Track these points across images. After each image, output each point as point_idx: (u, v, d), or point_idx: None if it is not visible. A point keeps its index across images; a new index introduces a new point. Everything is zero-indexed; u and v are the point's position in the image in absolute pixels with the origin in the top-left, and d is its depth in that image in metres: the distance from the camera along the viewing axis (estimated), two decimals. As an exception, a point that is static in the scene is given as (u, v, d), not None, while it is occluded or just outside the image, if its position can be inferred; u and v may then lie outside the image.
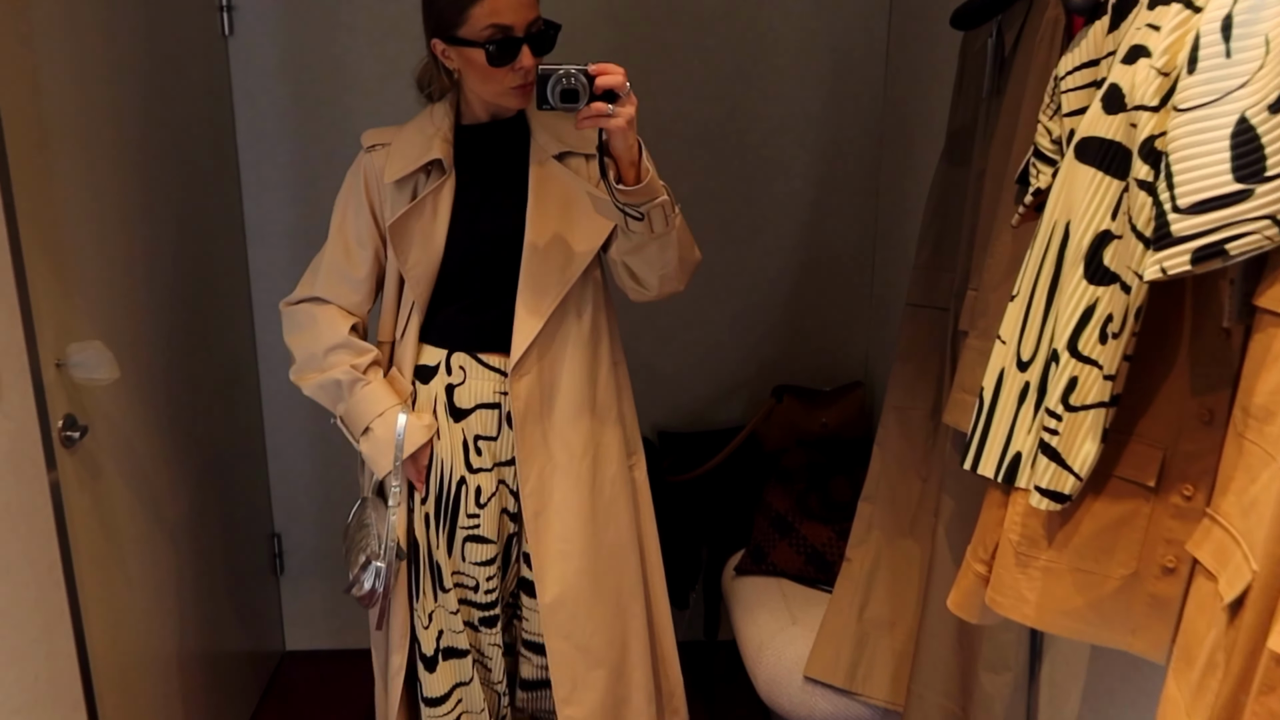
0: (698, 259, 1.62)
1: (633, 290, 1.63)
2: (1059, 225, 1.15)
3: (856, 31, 2.45)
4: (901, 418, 1.91)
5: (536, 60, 1.49)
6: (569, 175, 1.62)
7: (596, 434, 1.69)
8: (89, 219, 1.66)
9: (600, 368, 1.69)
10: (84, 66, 1.66)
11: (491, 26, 1.45)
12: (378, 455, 1.64)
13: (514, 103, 1.55)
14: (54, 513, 1.45)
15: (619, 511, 1.72)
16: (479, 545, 1.69)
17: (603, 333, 1.69)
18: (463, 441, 1.68)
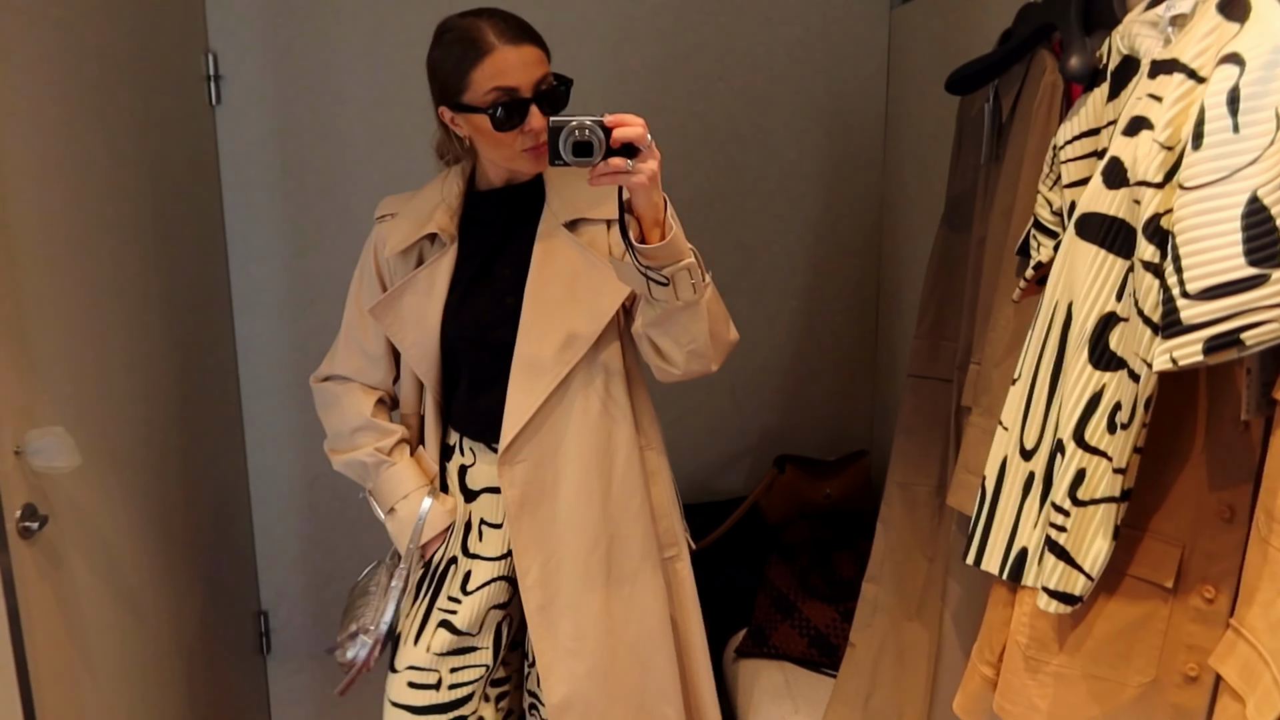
0: (733, 339, 1.47)
1: (658, 368, 1.48)
2: (1061, 305, 1.08)
3: (854, 94, 2.41)
4: (905, 494, 1.82)
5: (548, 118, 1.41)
6: (578, 247, 1.49)
7: (612, 525, 1.54)
8: (57, 296, 1.61)
9: (617, 454, 1.54)
10: (55, 133, 1.62)
11: (495, 90, 1.37)
12: (401, 535, 1.59)
13: (527, 166, 1.46)
14: (6, 608, 1.38)
15: (643, 609, 1.57)
16: (449, 635, 1.58)
17: (621, 416, 1.54)
18: (467, 523, 1.61)
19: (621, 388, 1.54)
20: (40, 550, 1.51)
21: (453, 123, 1.47)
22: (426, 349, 1.55)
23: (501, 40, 1.37)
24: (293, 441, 2.47)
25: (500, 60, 1.36)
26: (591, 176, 1.23)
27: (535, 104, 1.38)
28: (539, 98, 1.39)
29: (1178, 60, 0.94)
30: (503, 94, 1.37)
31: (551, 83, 1.41)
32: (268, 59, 2.30)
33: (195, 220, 2.23)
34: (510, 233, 1.54)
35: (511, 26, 1.40)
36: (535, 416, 1.49)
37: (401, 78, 2.32)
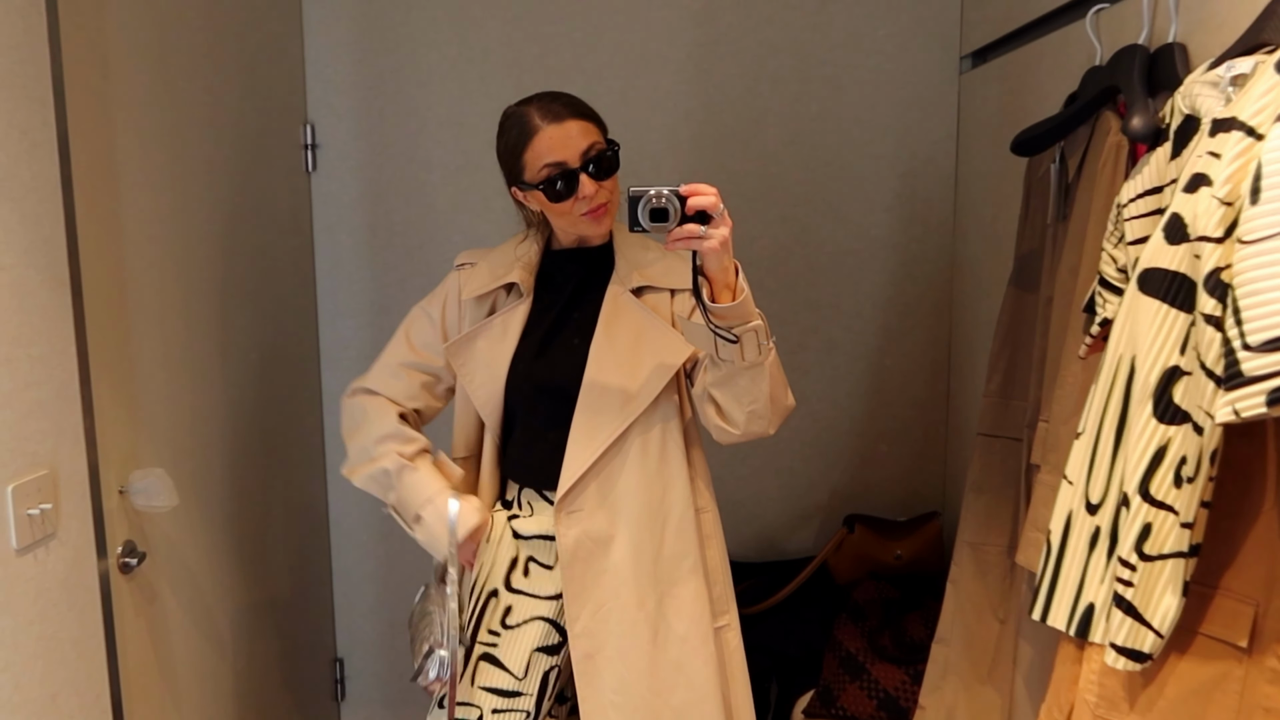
0: (790, 404, 1.52)
1: (717, 429, 1.52)
2: (1124, 359, 1.09)
3: (924, 156, 2.44)
4: (976, 554, 1.80)
5: (599, 185, 1.51)
6: (643, 310, 1.58)
7: (663, 584, 1.58)
8: (164, 347, 1.72)
9: (671, 512, 1.58)
10: (171, 196, 1.75)
11: (546, 166, 1.49)
12: (433, 541, 1.60)
13: (590, 229, 1.57)
14: (105, 641, 1.46)
15: (693, 674, 1.58)
16: (493, 669, 1.60)
17: (677, 475, 1.59)
18: (513, 559, 1.65)
19: (679, 448, 1.60)
20: (137, 585, 1.60)
21: (524, 199, 1.60)
22: (493, 391, 1.62)
23: (545, 121, 1.50)
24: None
25: (546, 140, 1.49)
26: (667, 241, 1.31)
27: (584, 172, 1.50)
28: (587, 166, 1.50)
29: (1237, 118, 0.96)
30: (553, 169, 1.49)
31: (600, 149, 1.51)
32: (360, 128, 2.44)
33: (290, 278, 2.36)
34: (581, 292, 1.63)
35: (555, 106, 1.51)
36: (594, 466, 1.55)
37: (483, 145, 2.41)
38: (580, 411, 1.56)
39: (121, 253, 1.58)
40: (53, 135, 1.35)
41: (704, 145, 2.45)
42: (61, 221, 1.37)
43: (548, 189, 1.50)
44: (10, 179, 1.26)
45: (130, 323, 1.60)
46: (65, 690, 1.37)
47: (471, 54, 2.42)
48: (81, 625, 1.40)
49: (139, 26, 1.65)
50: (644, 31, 2.41)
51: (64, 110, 1.38)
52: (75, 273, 1.40)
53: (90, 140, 1.48)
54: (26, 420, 1.29)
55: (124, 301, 1.59)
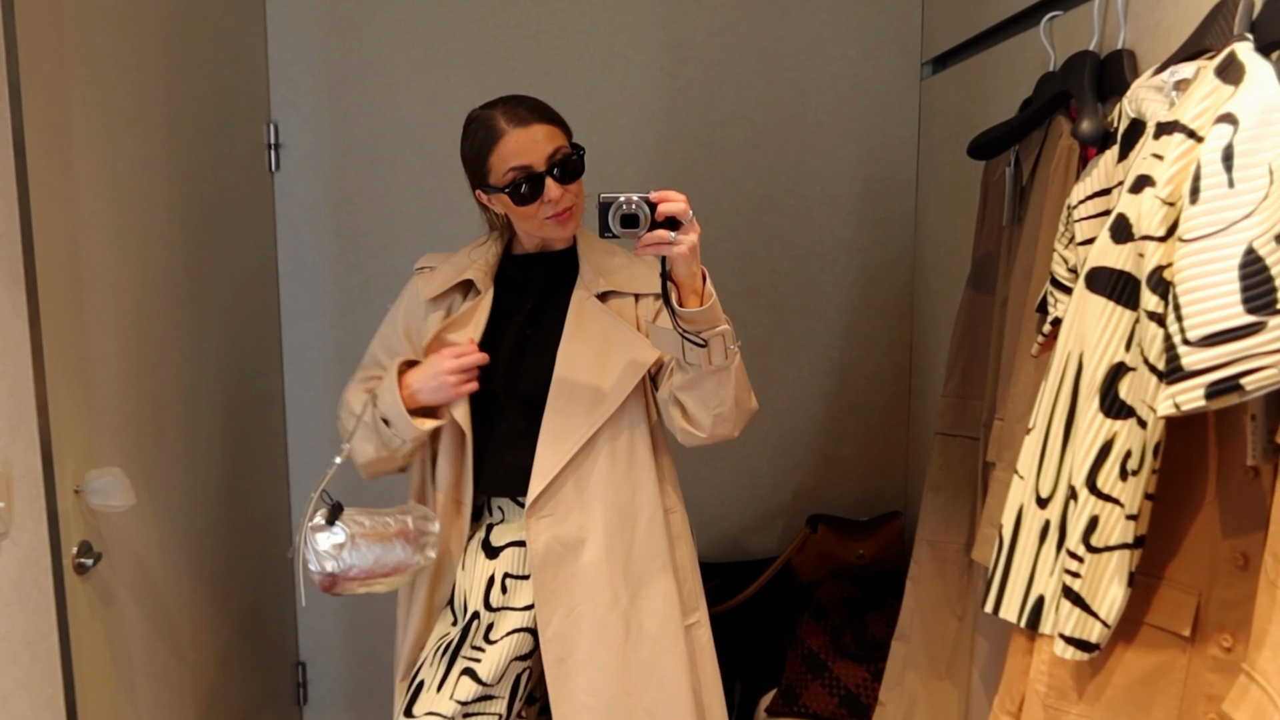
0: (754, 407, 1.55)
1: (682, 431, 1.55)
2: (1073, 356, 1.11)
3: (886, 161, 2.47)
4: (935, 552, 1.83)
5: (565, 189, 1.52)
6: (609, 315, 1.60)
7: (634, 584, 1.59)
8: (122, 345, 1.70)
9: (640, 513, 1.60)
10: (127, 196, 1.73)
11: (511, 169, 1.50)
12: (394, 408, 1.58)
13: (555, 233, 1.58)
14: (59, 643, 1.44)
15: (664, 672, 1.60)
16: (471, 683, 1.59)
17: (645, 477, 1.61)
18: (489, 578, 1.64)
19: (646, 450, 1.61)
20: (93, 586, 1.58)
21: (488, 202, 1.60)
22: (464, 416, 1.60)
23: (511, 124, 1.51)
24: (336, 495, 2.53)
25: (511, 143, 1.50)
26: (637, 247, 1.34)
27: (549, 176, 1.51)
28: (553, 169, 1.51)
29: (1179, 121, 0.99)
30: (519, 172, 1.50)
31: (565, 153, 1.52)
32: (324, 128, 2.43)
33: (252, 278, 2.35)
34: (545, 297, 1.64)
35: (520, 111, 1.52)
36: (563, 472, 1.56)
37: (449, 146, 2.40)
38: (549, 415, 1.57)
39: (78, 249, 1.56)
40: (8, 129, 1.33)
41: (669, 148, 2.46)
42: (16, 217, 1.35)
43: (513, 193, 1.51)
44: (-37, 173, 1.25)
45: (87, 320, 1.59)
46: (17, 692, 1.35)
47: (436, 55, 2.42)
48: (35, 626, 1.38)
49: (98, 21, 1.63)
50: (609, 35, 2.43)
51: (19, 104, 1.36)
52: (30, 269, 1.38)
53: (47, 135, 1.46)
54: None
55: (81, 299, 1.57)
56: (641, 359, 1.56)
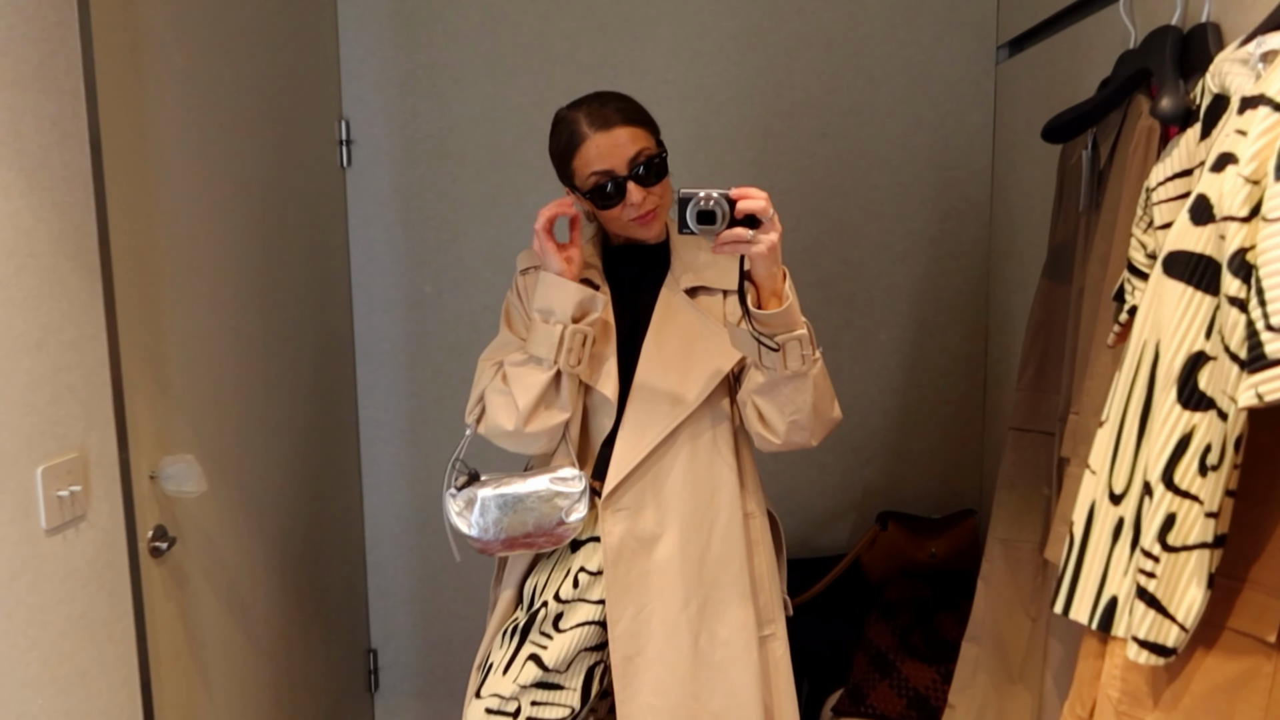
0: (836, 417, 1.51)
1: (758, 435, 1.52)
2: (1149, 345, 1.05)
3: (960, 148, 2.40)
4: (1007, 551, 1.77)
5: (648, 191, 1.49)
6: (696, 312, 1.57)
7: (707, 587, 1.56)
8: (196, 335, 1.75)
9: (719, 515, 1.57)
10: (202, 190, 1.78)
11: (593, 174, 1.49)
12: (551, 286, 1.50)
13: (640, 234, 1.55)
14: (135, 623, 1.49)
15: (734, 681, 1.56)
16: (535, 668, 1.58)
17: (726, 478, 1.57)
18: (567, 570, 1.63)
19: (729, 450, 1.58)
20: (168, 569, 1.63)
21: (579, 200, 1.58)
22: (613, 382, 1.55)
23: (593, 128, 1.48)
24: (406, 484, 2.58)
25: (592, 148, 1.48)
26: (715, 244, 1.31)
27: (632, 180, 1.48)
28: (635, 173, 1.48)
29: (1265, 95, 0.93)
30: (600, 177, 1.48)
31: (648, 155, 1.49)
32: (394, 124, 2.47)
33: (325, 271, 2.39)
34: (635, 291, 1.62)
35: (605, 112, 1.49)
36: (640, 465, 1.54)
37: (515, 141, 2.44)
38: (630, 409, 1.56)
39: (154, 242, 1.61)
40: (84, 126, 1.38)
41: (735, 138, 2.43)
42: (92, 211, 1.40)
43: (596, 196, 1.50)
44: (42, 169, 1.29)
45: (162, 311, 1.63)
46: (94, 669, 1.40)
47: (503, 50, 2.43)
48: (111, 606, 1.43)
49: (172, 21, 1.68)
50: (675, 25, 2.41)
51: (95, 102, 1.41)
52: (106, 260, 1.43)
53: (122, 132, 1.51)
54: (57, 404, 1.32)
55: (156, 290, 1.62)
56: (725, 359, 1.53)
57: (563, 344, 1.49)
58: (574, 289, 1.49)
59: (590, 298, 1.50)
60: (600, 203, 1.50)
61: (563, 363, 1.50)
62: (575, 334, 1.49)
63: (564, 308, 1.49)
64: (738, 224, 1.28)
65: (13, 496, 1.24)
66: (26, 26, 1.27)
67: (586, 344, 1.51)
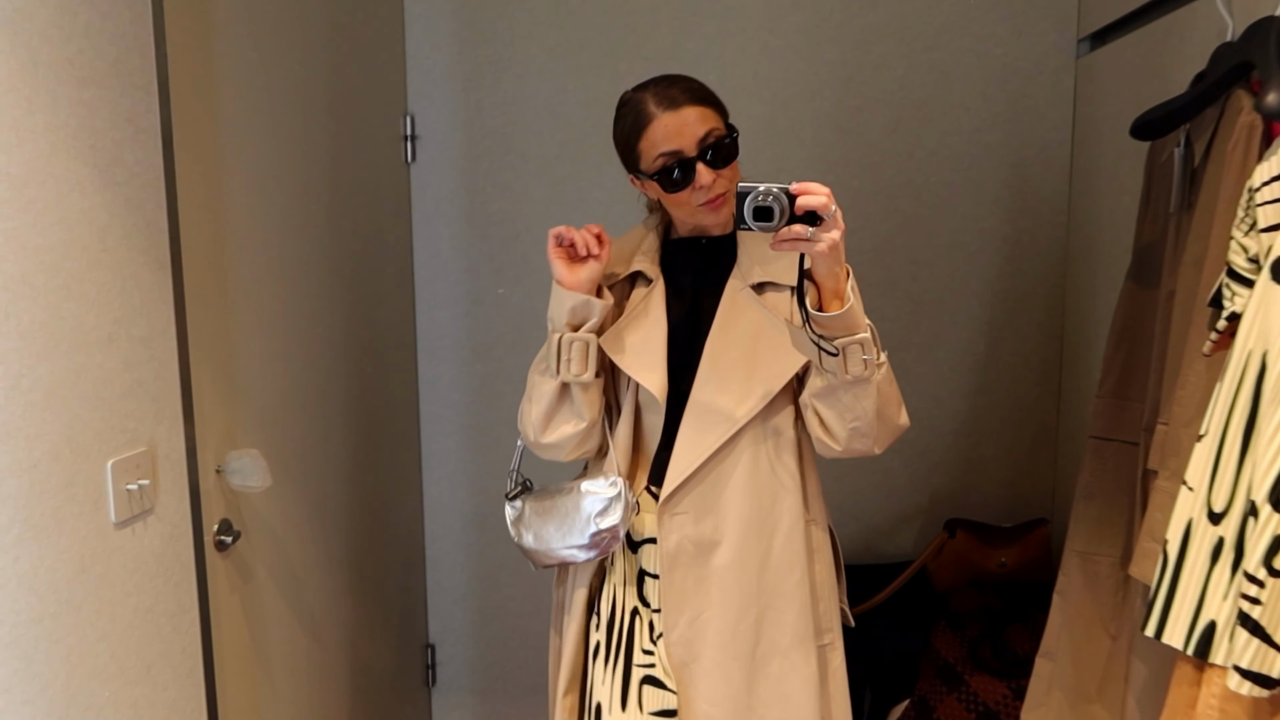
0: (902, 424, 1.44)
1: (819, 441, 1.46)
2: (1255, 355, 0.99)
3: (1037, 145, 2.32)
4: (1086, 565, 1.70)
5: (717, 174, 1.43)
6: (762, 309, 1.50)
7: (767, 595, 1.50)
8: (263, 331, 1.76)
9: (780, 522, 1.51)
10: (269, 186, 1.79)
11: (661, 155, 1.43)
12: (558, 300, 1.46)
13: (708, 220, 1.50)
14: (200, 616, 1.50)
15: (791, 691, 1.51)
16: (659, 691, 1.52)
17: (789, 484, 1.51)
18: (638, 570, 1.58)
19: (792, 456, 1.52)
20: (232, 563, 1.64)
21: (641, 187, 1.55)
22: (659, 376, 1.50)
23: (661, 108, 1.43)
24: (466, 480, 2.58)
25: (661, 128, 1.43)
26: (773, 241, 1.25)
27: (701, 161, 1.42)
28: (704, 154, 1.43)
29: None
30: (668, 158, 1.43)
31: (718, 136, 1.44)
32: (458, 120, 2.46)
33: (389, 267, 2.40)
34: (699, 285, 1.56)
35: (673, 92, 1.45)
36: (701, 469, 1.49)
37: (580, 136, 2.42)
38: (691, 409, 1.50)
39: (223, 238, 1.62)
40: (156, 122, 1.39)
41: (803, 134, 2.38)
42: (163, 206, 1.40)
43: (663, 179, 1.45)
44: (115, 165, 1.30)
45: (230, 306, 1.64)
46: (160, 662, 1.41)
47: (568, 44, 2.41)
48: (177, 599, 1.44)
49: (243, 17, 1.69)
50: (743, 19, 2.36)
51: (168, 97, 1.41)
52: (176, 256, 1.44)
53: (193, 127, 1.52)
54: (127, 398, 1.33)
55: (224, 285, 1.63)
56: (793, 359, 1.46)
57: (560, 353, 1.46)
58: (567, 296, 1.44)
59: (584, 304, 1.45)
60: (668, 186, 1.45)
61: (564, 373, 1.47)
62: (571, 343, 1.46)
63: (559, 315, 1.46)
64: (797, 220, 1.22)
65: (83, 490, 1.25)
66: (102, 23, 1.27)
67: (590, 353, 1.46)
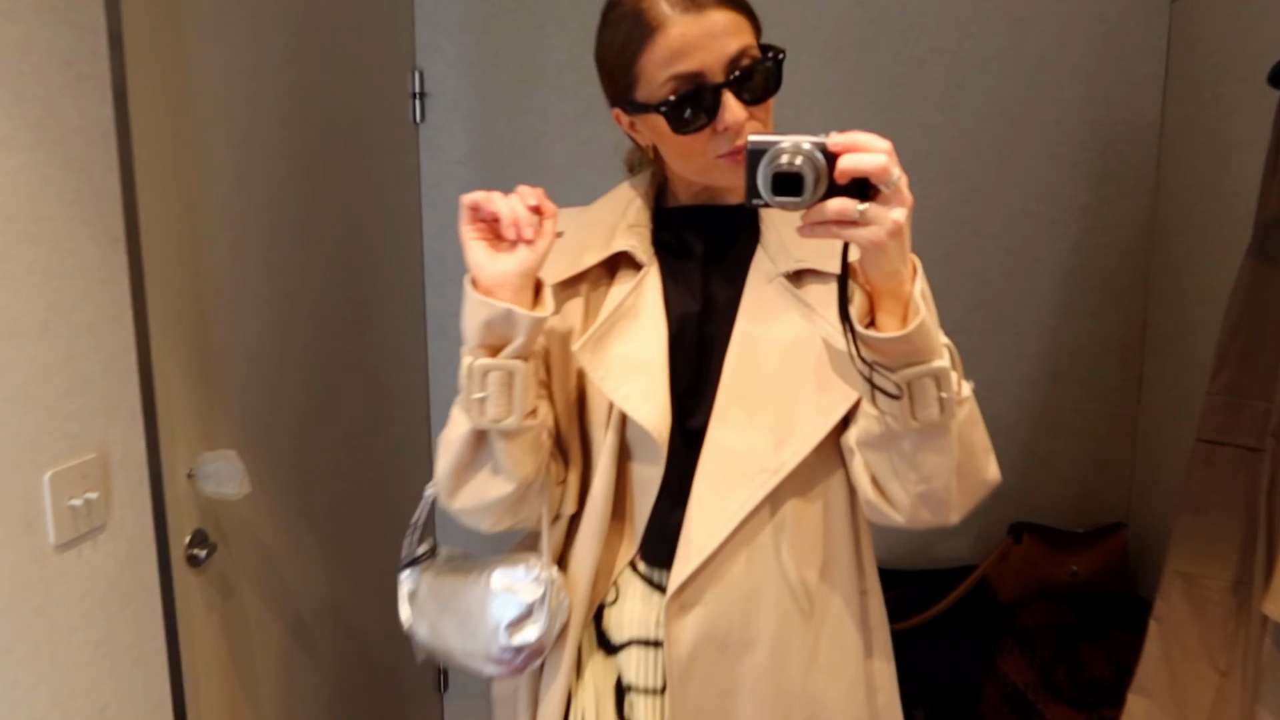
0: (990, 480, 1.02)
1: (870, 506, 1.03)
2: None
3: (1122, 102, 2.06)
4: (1191, 588, 1.48)
5: (751, 111, 0.99)
6: (803, 307, 1.05)
7: (813, 705, 1.08)
8: (244, 312, 1.55)
9: (830, 605, 1.09)
10: (260, 143, 1.58)
11: (672, 78, 0.98)
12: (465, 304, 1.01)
13: (727, 179, 1.03)
14: (166, 645, 1.30)
15: None
16: None
17: (842, 552, 1.10)
18: (615, 685, 1.13)
19: (845, 511, 1.09)
20: (208, 579, 1.44)
21: (631, 128, 1.10)
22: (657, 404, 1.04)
23: (675, 8, 0.97)
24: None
25: (675, 38, 0.97)
26: (803, 224, 0.86)
27: (728, 89, 0.98)
28: (734, 80, 0.98)
29: None
30: (683, 81, 0.98)
31: (754, 58, 0.99)
32: (472, 75, 2.23)
33: (395, 239, 2.18)
34: (711, 273, 1.11)
35: None
36: (726, 544, 1.04)
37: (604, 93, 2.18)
38: (709, 458, 1.05)
39: (194, 206, 1.41)
40: (105, 67, 1.17)
41: (855, 89, 2.13)
42: (115, 168, 1.19)
43: (673, 113, 0.99)
44: (51, 118, 1.09)
45: (203, 285, 1.43)
46: (117, 702, 1.21)
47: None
48: (136, 628, 1.24)
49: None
50: (789, -40, 2.11)
51: (120, 38, 1.19)
52: (133, 227, 1.22)
53: (153, 76, 1.30)
54: (69, 397, 1.12)
55: (196, 261, 1.41)
56: (850, 376, 1.01)
57: (471, 386, 1.00)
58: (480, 304, 0.98)
59: (504, 316, 0.97)
60: (678, 124, 0.99)
61: (477, 417, 1.00)
62: (486, 373, 0.98)
63: (470, 329, 1.00)
64: (839, 192, 0.83)
65: (13, 509, 1.05)
66: (28, -56, 1.05)
67: (515, 390, 0.99)
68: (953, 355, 0.93)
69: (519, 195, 1.00)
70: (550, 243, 1.00)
